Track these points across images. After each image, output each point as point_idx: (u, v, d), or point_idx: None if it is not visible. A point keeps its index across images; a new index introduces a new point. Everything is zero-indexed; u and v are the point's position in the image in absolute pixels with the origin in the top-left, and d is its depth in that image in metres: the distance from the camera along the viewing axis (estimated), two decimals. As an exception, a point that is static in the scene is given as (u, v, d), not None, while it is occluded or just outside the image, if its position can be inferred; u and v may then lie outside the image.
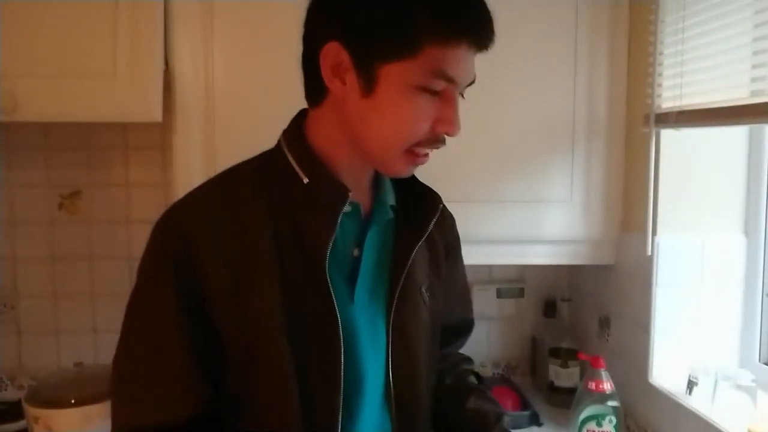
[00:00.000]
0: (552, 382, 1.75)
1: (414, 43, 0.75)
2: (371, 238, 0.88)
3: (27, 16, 1.36)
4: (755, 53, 1.16)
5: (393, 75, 0.76)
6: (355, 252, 0.87)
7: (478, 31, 0.78)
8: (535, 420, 1.63)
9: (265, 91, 1.44)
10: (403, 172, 0.85)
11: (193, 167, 1.44)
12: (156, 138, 1.76)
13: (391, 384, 0.88)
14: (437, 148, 0.83)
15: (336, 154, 0.85)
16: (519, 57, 1.50)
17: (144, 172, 1.78)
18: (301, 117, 0.89)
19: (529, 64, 1.51)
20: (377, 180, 0.93)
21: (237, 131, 1.45)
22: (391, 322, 0.88)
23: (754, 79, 1.16)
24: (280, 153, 0.86)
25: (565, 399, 1.62)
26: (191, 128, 1.45)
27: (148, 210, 1.78)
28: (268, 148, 0.89)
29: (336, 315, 0.80)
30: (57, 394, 1.38)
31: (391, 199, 0.92)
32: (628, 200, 1.56)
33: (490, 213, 1.52)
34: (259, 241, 0.80)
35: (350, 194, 0.82)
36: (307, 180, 0.83)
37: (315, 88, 0.83)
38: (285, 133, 0.89)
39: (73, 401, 1.35)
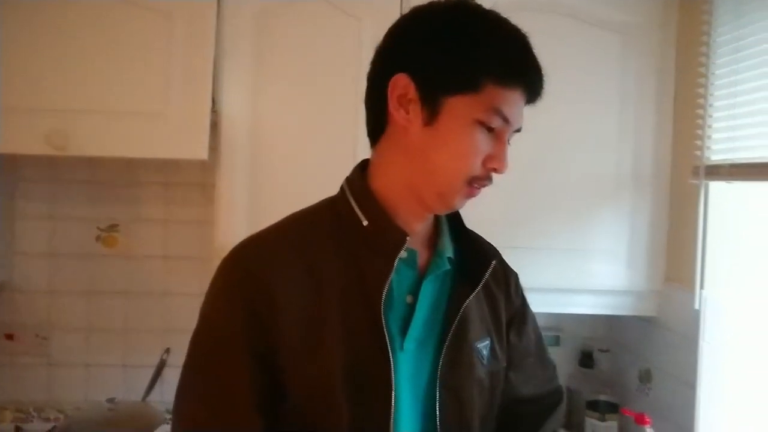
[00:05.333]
0: (589, 436, 1.70)
1: (477, 79, 0.79)
2: (426, 288, 0.88)
3: (82, 56, 1.40)
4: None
5: (456, 108, 0.80)
6: (409, 299, 0.87)
7: (533, 81, 0.82)
8: (572, 476, 1.58)
9: (309, 135, 1.47)
10: (458, 206, 0.87)
11: (236, 205, 1.46)
12: (196, 176, 1.77)
13: None
14: (485, 185, 0.85)
15: (395, 200, 0.87)
16: (565, 108, 1.50)
17: (183, 209, 1.79)
18: (363, 165, 0.91)
19: (575, 114, 1.51)
20: (436, 232, 0.93)
21: (281, 172, 1.47)
22: (439, 376, 0.86)
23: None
24: (343, 197, 0.89)
25: (603, 454, 1.57)
26: (235, 167, 1.47)
27: (186, 246, 1.79)
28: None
29: (389, 359, 0.81)
30: (91, 430, 1.37)
31: (449, 251, 0.91)
32: (673, 252, 1.54)
33: (534, 261, 1.50)
34: (327, 283, 0.82)
35: (408, 240, 0.83)
36: (367, 222, 0.85)
37: (377, 122, 0.87)
38: (348, 178, 0.91)
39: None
